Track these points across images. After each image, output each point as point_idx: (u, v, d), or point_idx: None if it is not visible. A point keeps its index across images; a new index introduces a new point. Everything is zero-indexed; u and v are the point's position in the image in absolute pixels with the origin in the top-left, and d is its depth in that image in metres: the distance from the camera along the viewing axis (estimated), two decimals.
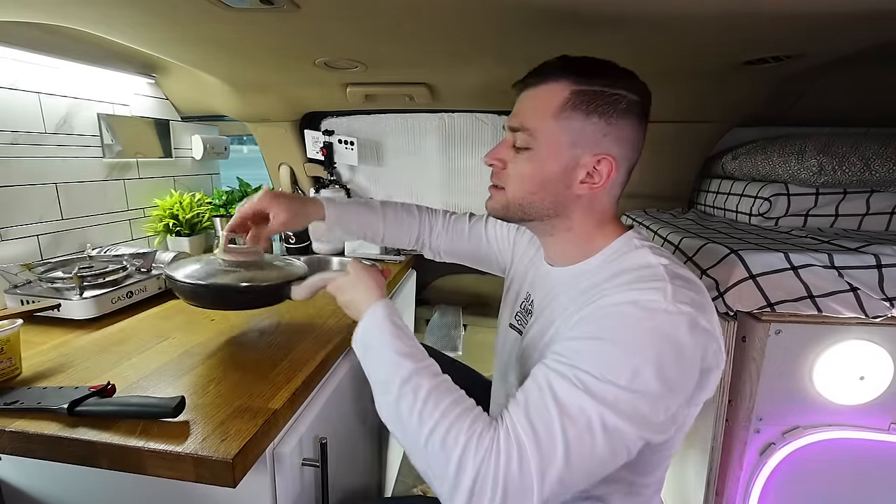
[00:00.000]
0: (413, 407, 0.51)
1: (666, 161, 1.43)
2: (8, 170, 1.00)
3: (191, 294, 0.74)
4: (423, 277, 1.76)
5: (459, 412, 0.50)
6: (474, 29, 0.84)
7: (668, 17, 0.75)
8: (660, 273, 0.54)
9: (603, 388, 0.48)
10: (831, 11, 0.70)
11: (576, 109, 0.58)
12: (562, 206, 0.62)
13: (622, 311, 0.51)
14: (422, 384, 0.53)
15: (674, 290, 0.51)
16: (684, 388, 0.51)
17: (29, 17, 0.83)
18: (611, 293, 0.53)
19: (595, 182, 0.60)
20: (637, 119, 0.60)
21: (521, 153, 0.62)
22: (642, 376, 0.48)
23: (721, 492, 0.95)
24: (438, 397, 0.51)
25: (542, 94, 0.60)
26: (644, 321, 0.49)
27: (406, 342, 0.58)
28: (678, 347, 0.49)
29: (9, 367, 0.69)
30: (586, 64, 0.60)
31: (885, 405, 0.87)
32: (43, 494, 0.71)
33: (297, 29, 0.85)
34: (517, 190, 0.63)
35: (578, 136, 0.58)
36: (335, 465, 0.81)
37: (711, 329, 0.52)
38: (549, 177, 0.61)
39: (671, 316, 0.49)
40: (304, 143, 1.58)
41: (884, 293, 0.81)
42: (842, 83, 1.17)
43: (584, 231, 0.64)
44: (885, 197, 1.09)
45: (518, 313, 0.74)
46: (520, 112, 0.63)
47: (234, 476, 0.53)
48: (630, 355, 0.48)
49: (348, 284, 0.68)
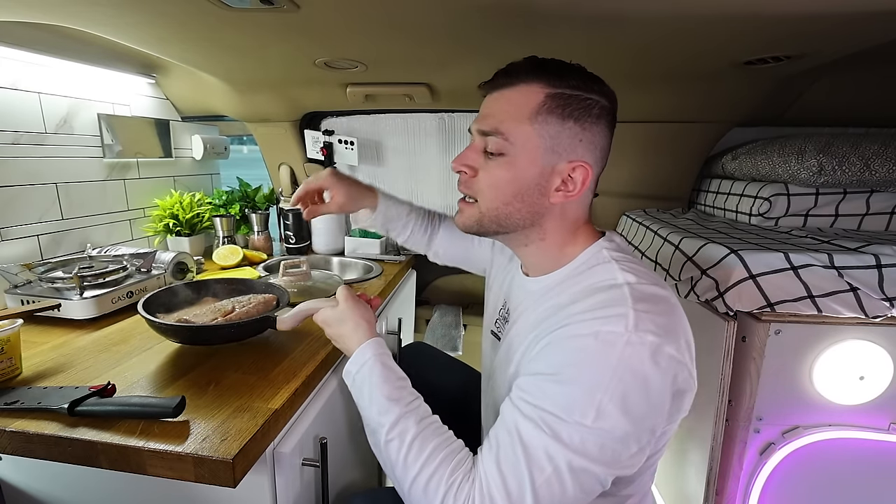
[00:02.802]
0: (399, 451, 0.55)
1: (666, 161, 1.44)
2: (8, 170, 1.00)
3: (171, 332, 0.75)
4: (423, 277, 1.76)
5: (442, 458, 0.53)
6: (474, 28, 0.84)
7: (668, 17, 0.75)
8: (623, 296, 0.51)
9: (569, 430, 0.47)
10: (831, 11, 0.70)
11: (551, 113, 0.56)
12: (537, 215, 0.60)
13: (584, 345, 0.49)
14: (408, 429, 0.56)
15: (636, 317, 0.49)
16: (653, 419, 0.50)
17: (29, 17, 0.83)
18: (574, 322, 0.52)
19: (570, 190, 0.58)
20: (608, 125, 0.59)
21: (495, 159, 0.58)
22: (608, 414, 0.47)
23: (721, 491, 0.95)
24: (423, 443, 0.54)
25: (515, 96, 0.57)
26: (606, 356, 0.48)
27: (394, 384, 0.60)
28: (643, 380, 0.48)
29: (9, 367, 0.69)
30: (558, 66, 0.58)
31: (885, 405, 0.87)
32: (43, 494, 0.71)
33: (297, 29, 0.85)
34: (492, 199, 0.60)
35: (555, 141, 0.56)
36: (335, 464, 0.81)
37: (678, 356, 0.50)
38: (526, 184, 0.58)
39: (633, 347, 0.47)
40: (304, 143, 1.58)
41: (884, 293, 0.81)
42: (842, 83, 1.17)
43: (556, 240, 0.62)
44: (885, 197, 1.09)
45: (497, 320, 0.74)
46: (491, 114, 0.59)
47: (234, 476, 0.53)
48: (593, 394, 0.47)
49: (336, 319, 0.68)
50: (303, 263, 1.14)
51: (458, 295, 1.83)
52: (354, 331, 0.66)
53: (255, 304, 0.81)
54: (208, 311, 0.79)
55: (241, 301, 0.82)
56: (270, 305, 0.82)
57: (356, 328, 0.66)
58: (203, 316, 0.77)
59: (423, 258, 1.03)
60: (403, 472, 0.54)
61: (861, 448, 0.89)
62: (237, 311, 0.78)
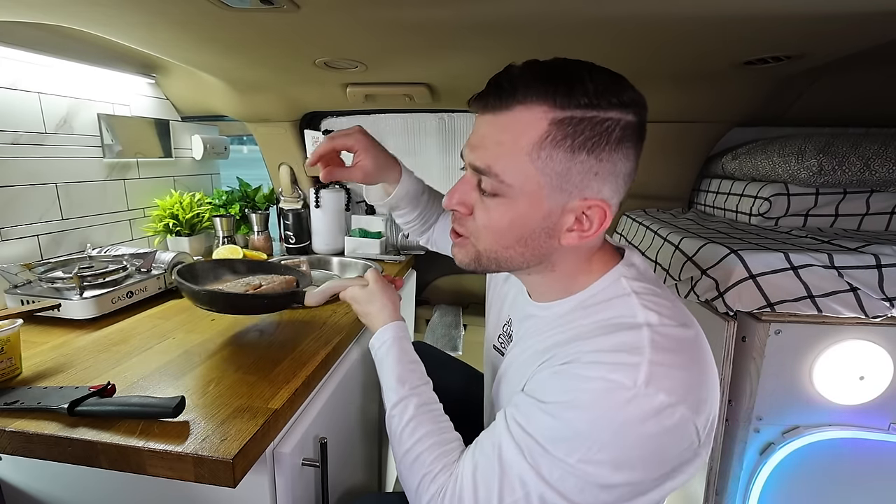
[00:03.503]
0: (397, 427, 0.61)
1: (666, 161, 1.43)
2: (8, 170, 1.00)
3: (207, 299, 0.78)
4: (423, 277, 1.76)
5: (431, 444, 0.57)
6: (473, 28, 0.84)
7: (668, 17, 0.75)
8: (641, 342, 0.45)
9: (550, 463, 0.45)
10: (831, 11, 0.70)
11: (557, 146, 0.45)
12: (544, 256, 0.53)
13: (587, 389, 0.45)
14: (407, 409, 0.61)
15: (649, 371, 0.43)
16: (641, 481, 0.45)
17: (29, 17, 0.83)
18: (583, 361, 0.47)
19: (585, 230, 0.49)
20: (634, 145, 0.48)
21: (489, 198, 0.51)
22: (595, 463, 0.44)
23: (721, 491, 0.95)
24: (417, 425, 0.59)
25: (511, 123, 0.47)
26: (606, 408, 0.43)
27: (406, 366, 0.66)
28: (642, 442, 0.43)
29: (9, 367, 0.69)
30: (565, 77, 0.45)
31: (885, 405, 0.87)
32: (43, 494, 0.71)
33: (297, 29, 0.85)
34: (490, 243, 0.53)
35: (563, 179, 0.47)
36: (335, 465, 0.81)
37: (690, 421, 0.44)
38: (530, 228, 0.50)
39: (639, 406, 0.43)
40: (304, 143, 1.58)
41: (884, 293, 0.81)
42: (842, 83, 1.17)
43: (568, 271, 0.55)
44: (885, 197, 1.09)
45: (501, 336, 0.72)
46: (483, 146, 0.49)
47: (234, 476, 0.53)
48: (584, 440, 0.44)
49: (364, 298, 0.73)
50: (302, 263, 1.14)
51: (458, 295, 1.83)
52: (381, 311, 0.71)
53: (280, 282, 0.86)
54: (238, 285, 0.83)
55: (266, 279, 0.87)
56: (291, 285, 0.87)
57: (382, 308, 0.71)
58: (234, 288, 0.82)
59: (424, 258, 1.03)
60: (398, 445, 0.60)
61: (861, 448, 0.88)
62: (264, 286, 0.83)
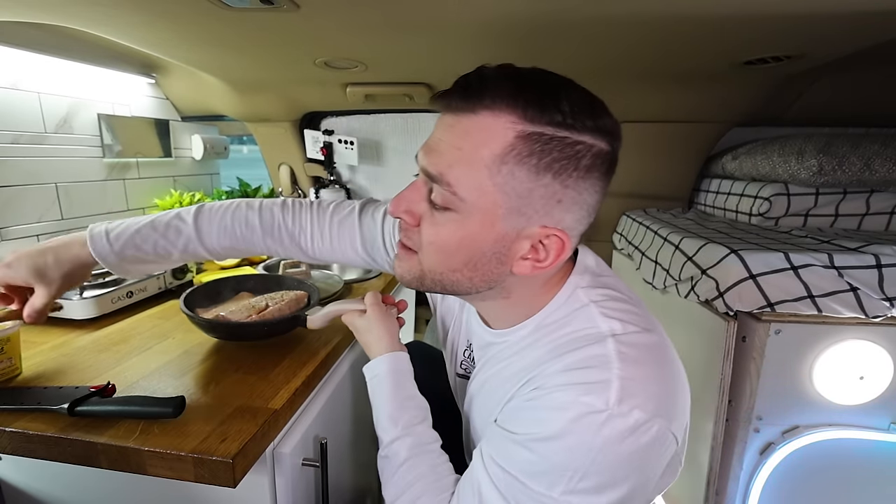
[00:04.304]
0: (387, 470, 0.59)
1: (666, 161, 1.44)
2: (8, 170, 1.00)
3: (208, 327, 0.78)
4: None
5: (422, 490, 0.55)
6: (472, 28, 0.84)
7: (668, 17, 0.75)
8: (607, 357, 0.43)
9: (532, 499, 0.44)
10: (831, 11, 0.70)
11: (521, 163, 0.41)
12: (495, 283, 0.48)
13: (561, 416, 0.42)
14: (399, 452, 0.58)
15: (621, 388, 0.41)
16: (627, 495, 0.44)
17: (29, 17, 0.83)
18: (551, 387, 0.45)
19: (540, 259, 0.45)
20: (602, 177, 0.44)
21: (438, 212, 0.45)
22: (578, 492, 0.42)
23: (721, 491, 0.95)
24: (408, 470, 0.57)
25: (473, 130, 0.41)
26: (583, 433, 0.41)
27: (399, 403, 0.62)
28: (623, 462, 0.42)
29: (9, 367, 0.69)
30: (539, 88, 0.41)
31: (885, 405, 0.87)
32: (43, 494, 0.71)
33: (297, 29, 0.85)
34: (434, 262, 0.48)
35: (522, 201, 0.42)
36: (335, 465, 0.81)
37: (667, 433, 0.43)
38: (479, 251, 0.45)
39: (615, 426, 0.41)
40: (304, 143, 1.58)
41: (884, 293, 0.81)
42: (842, 83, 1.17)
43: (523, 299, 0.51)
44: (885, 197, 1.09)
45: (464, 362, 0.69)
46: (437, 150, 0.44)
47: (234, 476, 0.53)
48: (564, 471, 0.42)
49: (363, 327, 0.69)
50: (302, 263, 1.14)
51: None
52: (378, 341, 0.67)
53: (288, 301, 0.84)
54: (243, 308, 0.81)
55: (275, 298, 0.85)
56: (302, 302, 0.85)
57: (378, 340, 0.67)
58: (238, 313, 0.80)
59: None
60: (391, 489, 0.58)
61: (861, 448, 0.88)
62: (270, 308, 0.81)
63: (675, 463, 0.47)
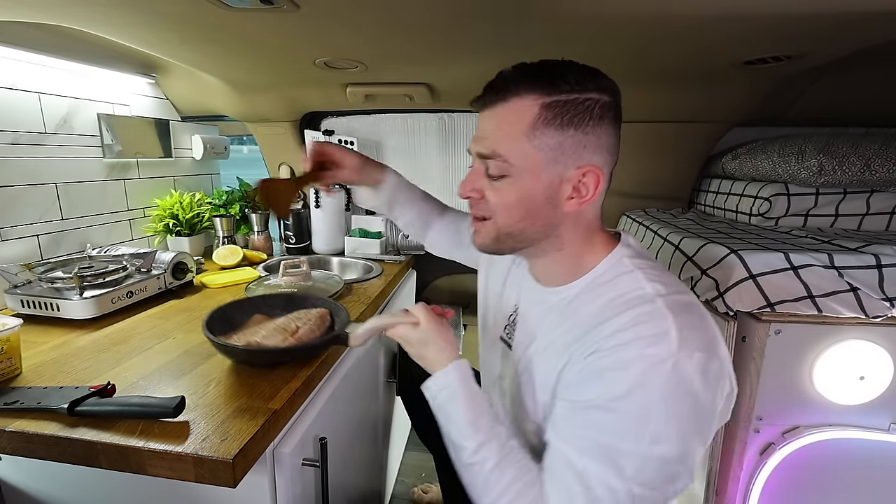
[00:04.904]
0: (479, 476, 0.57)
1: (666, 161, 1.44)
2: (8, 170, 1.00)
3: (245, 356, 0.74)
4: (423, 277, 1.76)
5: (518, 490, 0.54)
6: (473, 29, 0.84)
7: (668, 17, 0.75)
8: (660, 312, 0.51)
9: (625, 458, 0.48)
10: (831, 11, 0.70)
11: (549, 125, 0.53)
12: (552, 226, 0.59)
13: (632, 372, 0.49)
14: (488, 457, 0.56)
15: (679, 336, 0.48)
16: (704, 435, 0.50)
17: (29, 17, 0.83)
18: (614, 347, 0.51)
19: (583, 196, 0.56)
20: (612, 122, 0.56)
21: (497, 181, 0.57)
22: (663, 438, 0.48)
23: (721, 492, 0.95)
24: (501, 473, 0.55)
25: (507, 113, 0.55)
26: (656, 381, 0.48)
27: (476, 409, 0.60)
28: (694, 400, 0.48)
29: (9, 367, 0.69)
30: (548, 70, 0.54)
31: (885, 405, 0.87)
32: (43, 494, 0.71)
33: (297, 29, 0.85)
34: (505, 219, 0.59)
35: (557, 152, 0.54)
36: (335, 465, 0.81)
37: (721, 369, 0.50)
38: (535, 201, 0.56)
39: (682, 369, 0.47)
40: (304, 143, 1.58)
41: (884, 293, 0.81)
42: (842, 83, 1.17)
43: (574, 249, 0.61)
44: (885, 197, 1.09)
45: (507, 326, 0.72)
46: (486, 136, 0.57)
47: (234, 476, 0.53)
48: (647, 420, 0.48)
49: (419, 340, 0.66)
50: (303, 263, 1.14)
51: (458, 295, 1.83)
52: (440, 353, 0.64)
53: (314, 319, 0.79)
54: (275, 331, 0.75)
55: (300, 318, 0.79)
56: (326, 320, 0.81)
57: (441, 351, 0.64)
58: (272, 337, 0.74)
59: (423, 258, 1.03)
60: (483, 496, 0.56)
61: (861, 448, 0.88)
62: (301, 329, 0.76)
63: (729, 402, 0.53)
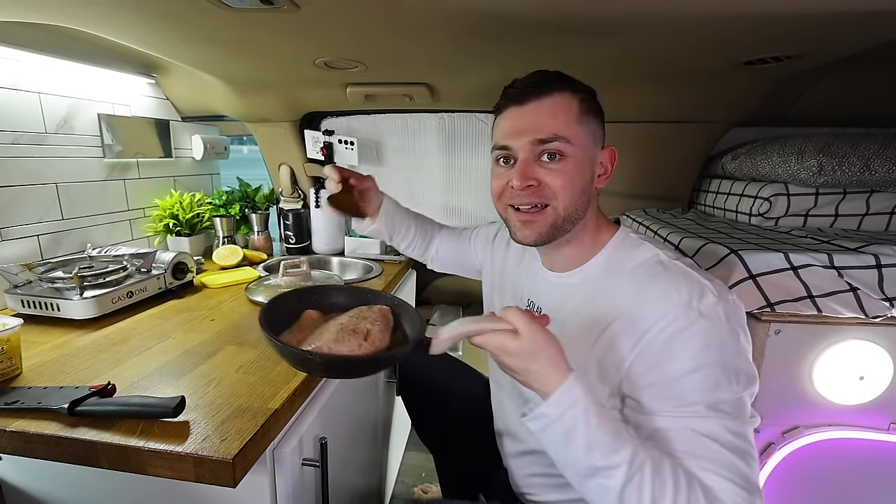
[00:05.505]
0: (643, 489, 0.50)
1: (666, 161, 1.43)
2: (8, 170, 1.00)
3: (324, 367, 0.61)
4: (423, 277, 1.76)
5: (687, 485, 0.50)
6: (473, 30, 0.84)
7: (667, 17, 0.75)
8: (685, 271, 0.60)
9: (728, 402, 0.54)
10: (831, 11, 0.70)
11: (587, 114, 0.64)
12: (589, 204, 0.67)
13: (697, 330, 0.55)
14: (644, 486, 0.50)
15: (712, 284, 0.57)
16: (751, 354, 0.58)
17: (29, 17, 0.83)
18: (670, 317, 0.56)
19: (605, 172, 0.67)
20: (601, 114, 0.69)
21: (556, 163, 0.63)
22: (741, 371, 0.55)
23: None
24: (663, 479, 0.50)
25: (558, 104, 0.63)
26: (718, 327, 0.55)
27: (612, 417, 0.54)
28: (742, 328, 0.57)
29: (9, 367, 0.69)
30: (568, 77, 0.66)
31: (885, 405, 0.87)
32: (43, 494, 0.71)
33: (297, 29, 0.85)
34: (568, 199, 0.64)
35: (594, 136, 0.65)
36: (335, 465, 0.81)
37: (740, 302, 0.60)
38: (586, 178, 0.65)
39: (728, 307, 0.56)
40: (304, 143, 1.58)
41: (883, 293, 0.80)
42: (842, 83, 1.17)
43: (591, 227, 0.68)
44: (885, 197, 1.09)
45: None
46: (541, 123, 0.63)
47: (234, 476, 0.53)
48: (726, 363, 0.54)
49: (524, 352, 0.54)
50: (303, 263, 1.14)
51: (458, 295, 1.83)
52: (551, 365, 0.54)
53: (377, 315, 0.66)
54: (342, 334, 0.61)
55: (366, 317, 0.65)
56: (390, 319, 0.67)
57: (552, 364, 0.54)
58: (343, 342, 0.59)
59: None
60: None
61: (861, 448, 0.88)
62: (373, 332, 0.62)
63: None
